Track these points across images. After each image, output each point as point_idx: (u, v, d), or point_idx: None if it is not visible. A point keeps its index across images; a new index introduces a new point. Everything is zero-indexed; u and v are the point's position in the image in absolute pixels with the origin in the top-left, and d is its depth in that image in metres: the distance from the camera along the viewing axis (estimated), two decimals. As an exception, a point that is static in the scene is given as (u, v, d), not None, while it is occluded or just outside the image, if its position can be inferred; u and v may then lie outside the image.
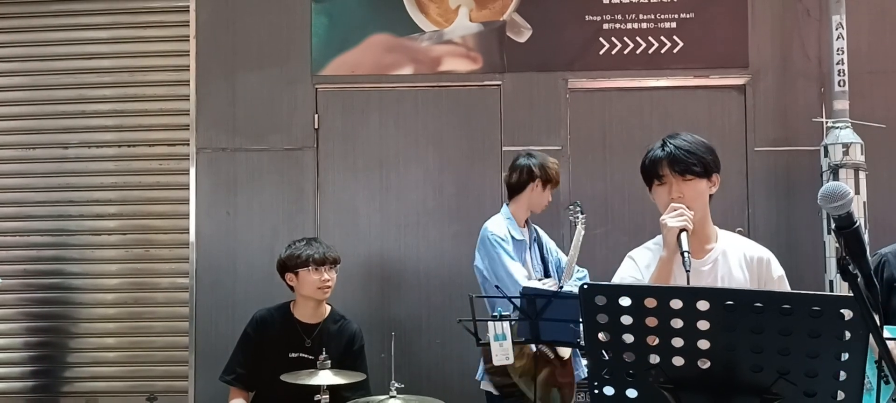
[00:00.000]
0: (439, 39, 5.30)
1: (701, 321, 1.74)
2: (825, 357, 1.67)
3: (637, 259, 2.62)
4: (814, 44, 5.04)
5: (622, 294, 1.83)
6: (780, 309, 1.68)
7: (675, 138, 2.57)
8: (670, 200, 2.50)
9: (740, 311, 1.70)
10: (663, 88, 5.18)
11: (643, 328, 1.80)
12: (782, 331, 1.67)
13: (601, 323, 1.84)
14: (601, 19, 5.20)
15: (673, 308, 1.77)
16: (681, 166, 2.50)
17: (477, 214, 5.20)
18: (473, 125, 5.27)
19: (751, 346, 1.71)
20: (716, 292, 1.88)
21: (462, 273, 5.10)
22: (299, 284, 3.94)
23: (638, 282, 2.51)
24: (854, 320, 1.63)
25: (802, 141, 5.02)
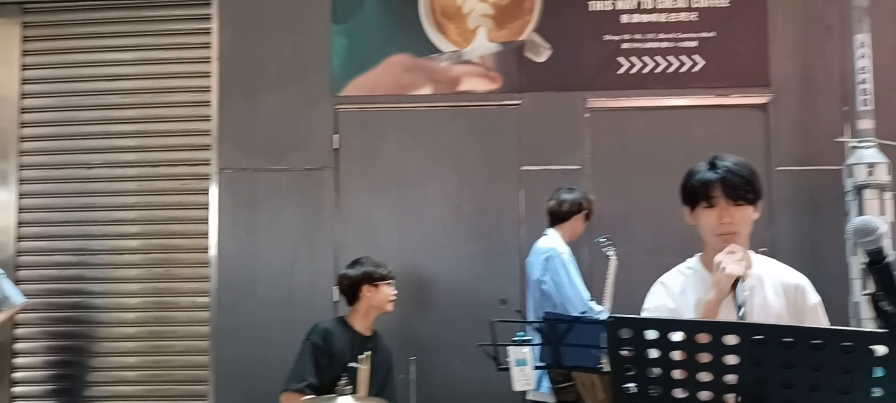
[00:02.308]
0: (458, 59, 4.88)
1: (729, 355, 1.60)
2: (857, 394, 1.54)
3: (669, 285, 2.25)
4: (836, 61, 4.57)
5: (648, 327, 1.69)
6: (811, 344, 1.55)
7: (725, 160, 2.18)
8: (719, 225, 2.13)
9: (770, 346, 1.58)
10: (684, 107, 4.71)
11: (669, 361, 1.66)
12: (814, 367, 1.55)
13: (627, 356, 1.69)
14: (620, 39, 4.77)
15: (700, 342, 1.63)
16: (734, 191, 2.13)
17: (495, 233, 4.79)
18: (492, 144, 4.83)
19: (781, 381, 1.59)
20: (745, 326, 1.72)
21: (481, 292, 4.69)
22: (375, 296, 3.85)
23: (672, 312, 2.16)
24: (887, 356, 1.51)
25: (825, 160, 4.55)
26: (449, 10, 4.87)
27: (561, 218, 4.25)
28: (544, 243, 4.20)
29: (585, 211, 4.28)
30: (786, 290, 2.19)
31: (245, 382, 4.70)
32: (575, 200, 4.26)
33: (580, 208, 4.26)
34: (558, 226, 4.25)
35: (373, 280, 3.83)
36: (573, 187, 4.36)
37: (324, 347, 3.67)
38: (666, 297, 2.22)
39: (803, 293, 2.19)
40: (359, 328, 3.82)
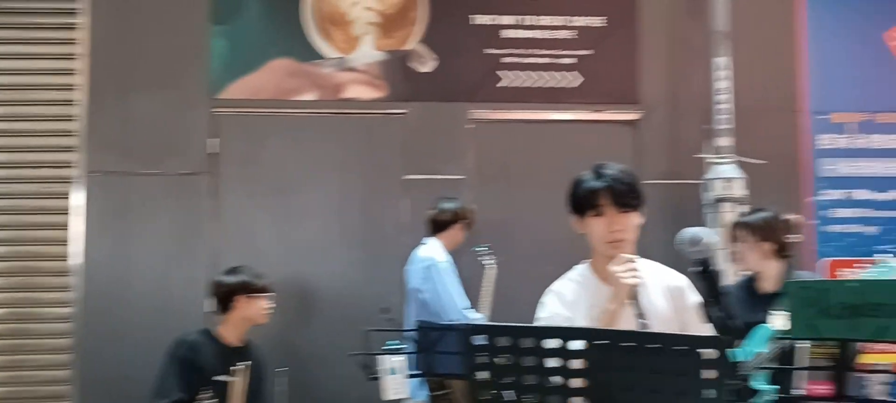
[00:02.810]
0: (343, 66, 4.76)
1: (577, 360, 1.64)
2: (692, 395, 1.58)
3: (562, 293, 2.24)
4: (700, 82, 4.79)
5: (500, 333, 1.72)
6: (650, 348, 1.61)
7: (610, 168, 2.20)
8: (608, 233, 2.14)
9: (613, 351, 1.63)
10: (561, 121, 4.81)
11: (521, 368, 1.69)
12: (653, 370, 1.60)
13: (480, 363, 1.71)
14: (502, 53, 4.81)
15: (549, 347, 1.66)
16: (621, 198, 2.15)
17: (378, 242, 4.71)
18: (376, 153, 4.74)
19: (624, 385, 1.63)
20: (590, 332, 1.78)
21: (363, 300, 4.58)
22: (250, 308, 3.61)
23: (567, 320, 2.14)
24: (717, 359, 1.56)
25: (689, 175, 4.74)
26: (334, 17, 4.75)
27: (441, 227, 4.21)
28: (424, 252, 4.16)
29: (465, 220, 4.25)
30: (670, 292, 2.24)
31: (114, 393, 4.38)
32: (455, 209, 4.23)
33: (460, 217, 4.23)
34: (438, 235, 4.21)
35: (249, 290, 3.62)
36: (453, 197, 4.32)
37: (190, 360, 3.44)
38: (559, 305, 2.20)
39: (684, 293, 2.24)
40: (229, 339, 3.60)
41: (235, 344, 3.60)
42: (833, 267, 4.73)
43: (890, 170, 4.81)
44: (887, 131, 4.84)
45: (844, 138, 4.85)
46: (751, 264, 3.58)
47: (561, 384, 1.65)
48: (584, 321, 2.13)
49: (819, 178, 4.81)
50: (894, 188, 4.81)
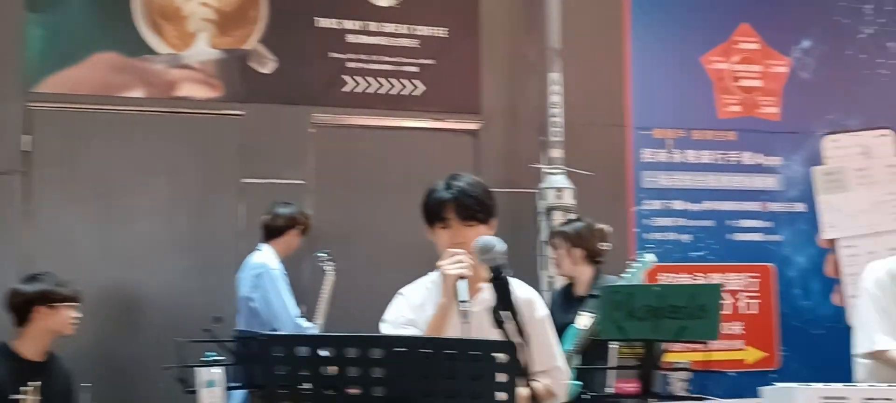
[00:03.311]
0: (176, 63, 4.43)
1: (376, 369, 1.61)
2: (486, 398, 1.62)
3: (409, 296, 2.26)
4: (537, 95, 4.90)
5: (300, 343, 1.67)
6: (446, 354, 1.63)
7: (460, 180, 2.23)
8: (451, 244, 2.13)
9: (411, 357, 1.62)
10: (404, 129, 4.74)
11: (321, 378, 1.62)
12: (448, 375, 1.61)
13: (280, 375, 1.63)
14: (346, 57, 4.68)
15: (349, 356, 1.62)
16: (466, 212, 2.17)
17: (212, 248, 4.42)
18: (211, 155, 4.45)
19: (422, 392, 1.62)
20: (389, 339, 1.82)
21: (195, 309, 4.26)
22: (51, 319, 3.28)
23: (409, 321, 2.18)
24: (508, 363, 1.61)
25: (525, 184, 4.82)
26: (166, 11, 4.42)
27: (275, 233, 4.06)
28: (256, 259, 3.98)
29: (301, 226, 4.11)
30: (518, 304, 2.14)
31: None
32: (290, 215, 4.08)
33: (295, 223, 4.09)
34: (272, 242, 4.06)
35: (50, 300, 3.27)
36: (289, 202, 4.17)
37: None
38: (405, 308, 2.21)
39: (532, 306, 2.27)
40: (27, 353, 3.24)
41: (35, 359, 3.24)
42: (652, 272, 4.98)
43: (702, 182, 5.14)
44: (701, 147, 5.17)
45: (664, 152, 5.13)
46: (565, 269, 3.79)
47: (361, 393, 1.62)
48: (425, 326, 2.13)
49: (641, 189, 5.06)
50: (706, 199, 5.15)
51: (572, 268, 3.79)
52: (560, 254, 3.78)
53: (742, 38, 5.27)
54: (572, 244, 3.80)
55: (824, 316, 5.06)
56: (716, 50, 5.23)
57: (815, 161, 5.24)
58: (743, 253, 5.10)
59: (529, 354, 2.03)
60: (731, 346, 5.08)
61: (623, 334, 2.69)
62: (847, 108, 5.30)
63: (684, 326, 2.66)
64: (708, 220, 5.13)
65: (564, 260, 3.80)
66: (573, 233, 3.81)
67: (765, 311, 5.12)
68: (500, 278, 1.84)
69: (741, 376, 4.92)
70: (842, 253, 5.18)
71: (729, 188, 5.18)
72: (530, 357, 2.02)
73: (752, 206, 5.18)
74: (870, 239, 5.11)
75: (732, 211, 5.16)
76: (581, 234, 3.79)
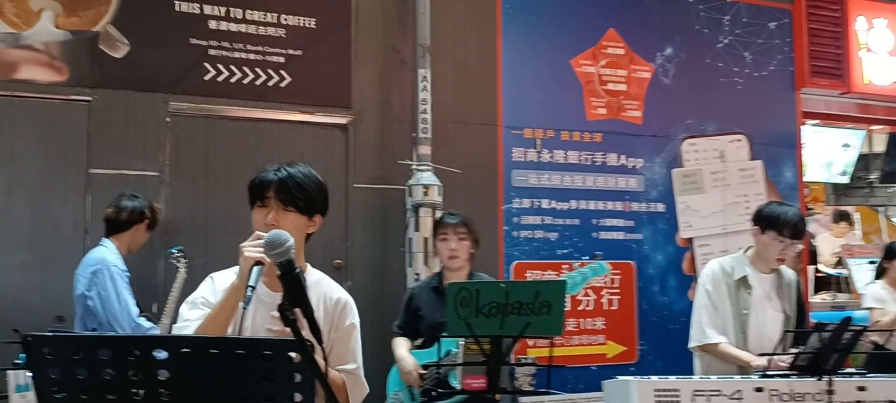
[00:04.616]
0: (15, 43, 3.93)
1: (161, 370, 1.48)
2: (280, 398, 1.50)
3: (217, 280, 2.15)
4: (408, 92, 4.68)
5: (75, 345, 1.50)
6: (236, 354, 1.49)
7: (293, 166, 2.12)
8: (264, 224, 2.02)
9: (198, 358, 1.49)
10: (270, 120, 4.39)
11: (100, 383, 1.47)
12: (239, 376, 1.49)
13: (54, 379, 1.47)
14: (208, 44, 4.30)
15: (131, 358, 1.48)
16: (285, 196, 2.06)
17: (54, 242, 3.96)
18: (54, 143, 3.98)
19: (212, 394, 1.50)
20: (173, 339, 1.69)
21: (34, 308, 3.84)
22: None
23: (208, 305, 2.05)
24: (303, 362, 1.51)
25: (396, 180, 4.59)
26: (5, -15, 3.93)
27: (119, 228, 3.71)
28: (95, 254, 3.61)
29: (148, 220, 3.77)
30: (327, 304, 2.14)
31: None
32: (136, 208, 3.74)
33: (142, 217, 3.75)
34: (115, 236, 3.71)
35: None
36: (136, 194, 3.81)
37: None
38: (208, 290, 2.11)
39: (343, 309, 2.16)
40: None
41: None
42: (520, 269, 4.88)
43: (569, 182, 5.08)
44: (568, 147, 5.10)
45: (534, 152, 5.03)
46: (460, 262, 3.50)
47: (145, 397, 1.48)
48: None
49: (511, 188, 4.94)
50: (573, 198, 5.09)
51: (464, 262, 3.53)
52: (462, 246, 3.51)
53: (610, 42, 5.23)
54: (471, 235, 3.55)
55: (680, 311, 5.09)
56: (585, 53, 5.18)
57: (674, 163, 5.29)
58: (606, 250, 5.04)
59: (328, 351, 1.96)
60: (593, 341, 5.06)
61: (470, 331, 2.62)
62: (705, 114, 5.37)
63: (529, 322, 2.62)
64: (574, 219, 5.07)
65: (464, 252, 3.52)
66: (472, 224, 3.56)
67: (625, 307, 5.12)
68: (291, 274, 1.70)
69: (602, 369, 4.90)
70: (697, 252, 5.25)
71: (595, 188, 5.14)
72: (329, 354, 1.95)
73: (615, 206, 5.17)
74: (722, 238, 5.20)
75: (597, 211, 5.13)
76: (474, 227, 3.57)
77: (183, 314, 2.06)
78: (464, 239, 3.53)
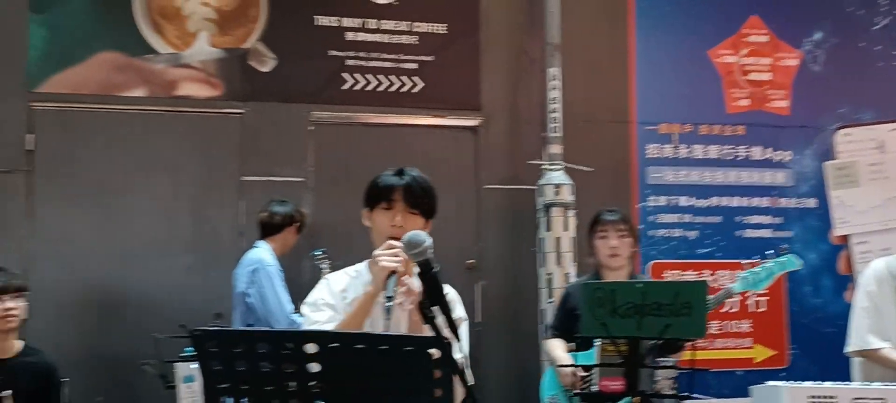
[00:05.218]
0: (176, 62, 4.28)
1: (312, 363, 1.52)
2: (421, 394, 1.53)
3: (333, 282, 2.17)
4: (538, 92, 4.63)
5: (235, 339, 1.58)
6: (379, 349, 1.53)
7: (412, 171, 2.16)
8: (390, 226, 2.06)
9: (345, 353, 1.52)
10: (403, 126, 4.52)
11: (259, 374, 1.53)
12: (383, 371, 1.53)
13: (217, 371, 1.53)
14: (345, 55, 4.48)
15: (285, 352, 1.53)
16: (413, 198, 2.10)
17: (213, 245, 4.26)
18: (211, 153, 4.29)
19: (358, 387, 1.54)
20: (322, 334, 1.71)
21: (196, 306, 4.13)
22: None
23: (331, 307, 2.10)
24: (441, 359, 1.51)
25: (527, 180, 4.55)
26: (167, 10, 4.26)
27: (272, 231, 3.91)
28: (252, 255, 3.83)
29: (297, 223, 3.97)
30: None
31: None
32: (287, 213, 3.94)
33: (292, 220, 3.95)
34: (269, 239, 3.91)
35: None
36: (285, 199, 4.01)
37: None
38: (326, 291, 2.13)
39: (453, 305, 2.09)
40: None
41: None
42: (658, 269, 4.70)
43: (708, 178, 4.84)
44: (708, 142, 4.87)
45: (670, 148, 4.84)
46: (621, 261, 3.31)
47: (298, 389, 1.53)
48: (344, 312, 2.07)
49: (646, 186, 4.77)
50: (714, 195, 4.85)
51: (625, 261, 3.31)
52: (623, 243, 3.29)
53: (751, 30, 4.94)
54: (632, 233, 3.33)
55: (835, 314, 4.70)
56: (724, 43, 4.91)
57: (826, 155, 4.90)
58: (752, 249, 4.75)
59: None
60: (739, 344, 4.78)
61: (606, 331, 2.53)
62: (860, 101, 4.94)
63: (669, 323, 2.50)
64: (715, 216, 4.82)
65: (625, 250, 3.29)
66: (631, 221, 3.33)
67: (774, 309, 4.80)
68: (430, 273, 1.74)
69: (749, 375, 4.62)
70: (854, 250, 4.83)
71: (737, 184, 4.87)
72: None
73: (761, 202, 4.86)
74: (882, 235, 4.75)
75: (741, 208, 4.85)
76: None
77: (308, 316, 2.12)
78: (624, 236, 3.29)
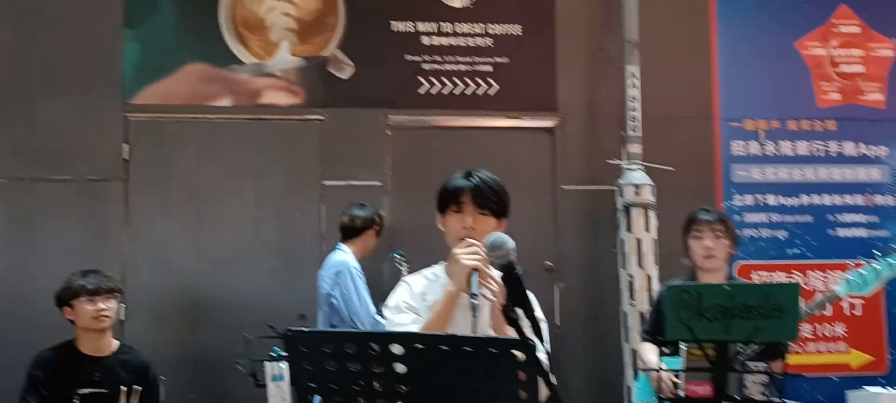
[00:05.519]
0: (259, 72, 4.42)
1: (398, 364, 1.53)
2: (506, 396, 1.52)
3: (412, 285, 2.18)
4: (615, 90, 4.54)
5: (325, 340, 1.60)
6: (463, 351, 1.52)
7: (480, 172, 2.14)
8: (462, 228, 2.06)
9: (430, 354, 1.53)
10: (479, 128, 4.51)
11: (347, 374, 1.55)
12: (467, 373, 1.53)
13: (308, 370, 1.57)
14: (421, 59, 4.51)
15: (371, 353, 1.54)
16: (481, 199, 2.09)
17: (296, 249, 4.36)
18: (293, 159, 4.40)
19: (443, 388, 1.54)
20: (407, 336, 1.71)
21: (280, 308, 4.23)
22: (76, 316, 3.13)
23: (412, 309, 2.11)
24: (526, 361, 1.50)
25: (605, 180, 4.47)
26: (250, 22, 4.40)
27: (353, 234, 3.97)
28: (336, 257, 3.89)
29: (377, 227, 4.02)
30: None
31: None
32: (367, 216, 4.00)
33: (372, 224, 4.01)
34: (350, 242, 3.97)
35: (63, 301, 3.09)
36: (365, 203, 4.06)
37: (42, 377, 3.06)
38: (407, 294, 2.14)
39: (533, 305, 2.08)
40: (86, 349, 3.12)
41: (95, 355, 3.12)
42: (745, 270, 4.52)
43: (797, 175, 4.63)
44: (796, 137, 4.66)
45: (756, 144, 4.65)
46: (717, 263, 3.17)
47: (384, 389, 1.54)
48: (426, 314, 2.06)
49: (731, 184, 4.61)
50: (803, 193, 4.63)
51: (722, 263, 3.12)
52: (720, 244, 3.10)
53: (841, 20, 4.70)
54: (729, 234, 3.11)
55: (941, 318, 4.44)
56: (812, 34, 4.70)
57: (926, 150, 4.62)
58: (845, 249, 4.54)
59: None
60: (833, 349, 4.56)
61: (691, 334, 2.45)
62: (964, 92, 4.63)
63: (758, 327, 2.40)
64: (805, 216, 4.61)
65: (722, 251, 3.10)
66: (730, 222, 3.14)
67: (871, 312, 4.54)
68: (513, 274, 1.72)
69: (845, 380, 4.41)
70: (960, 250, 4.51)
71: (829, 181, 4.64)
72: None
73: (854, 200, 4.62)
74: None
75: (833, 206, 4.62)
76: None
77: (391, 319, 2.12)
78: (721, 236, 3.10)
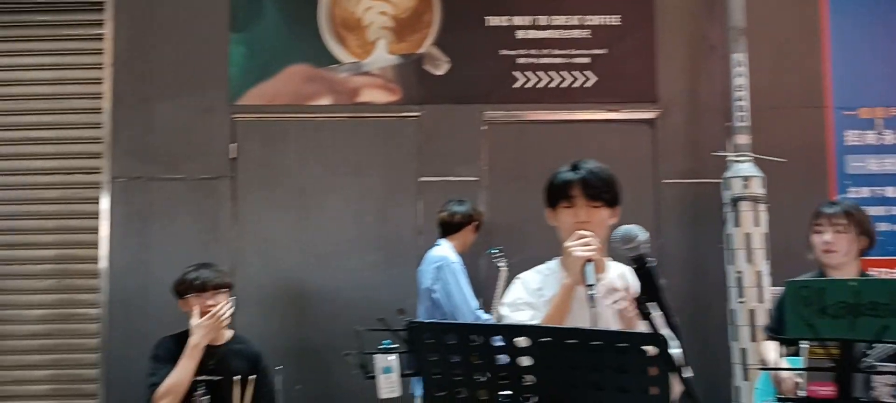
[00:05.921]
0: (358, 70, 4.49)
1: (523, 357, 1.53)
2: (635, 391, 1.48)
3: (527, 281, 2.17)
4: (719, 79, 4.36)
5: (449, 331, 1.59)
6: (591, 345, 1.51)
7: (587, 163, 2.11)
8: (575, 224, 2.03)
9: (557, 347, 1.51)
10: (576, 121, 4.43)
11: (471, 365, 1.57)
12: (595, 367, 1.50)
13: (433, 361, 1.58)
14: (516, 54, 4.47)
15: (496, 345, 1.55)
16: (592, 191, 2.05)
17: (395, 244, 4.42)
18: (391, 156, 4.46)
19: (569, 381, 1.53)
20: (533, 329, 1.66)
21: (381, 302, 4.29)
22: (189, 309, 3.19)
23: (530, 306, 2.08)
24: (658, 356, 1.45)
25: (709, 173, 4.33)
26: (349, 22, 4.48)
27: (452, 229, 3.97)
28: (436, 252, 3.91)
29: (476, 222, 4.02)
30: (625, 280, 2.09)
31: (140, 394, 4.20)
32: (466, 212, 4.00)
33: (470, 219, 4.00)
34: (449, 237, 3.98)
35: (178, 295, 3.15)
36: (463, 199, 4.06)
37: (163, 359, 3.13)
38: (523, 291, 2.12)
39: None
40: None
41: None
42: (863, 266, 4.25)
43: (920, 166, 4.33)
44: (918, 126, 4.36)
45: (872, 134, 4.38)
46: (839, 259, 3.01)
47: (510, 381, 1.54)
48: (544, 309, 2.04)
49: (846, 176, 4.35)
50: (926, 185, 4.33)
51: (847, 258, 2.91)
52: (841, 239, 2.91)
53: (969, -2, 4.35)
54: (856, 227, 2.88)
55: None
56: (935, 15, 4.37)
57: None
58: (974, 245, 4.23)
59: None
60: (960, 350, 4.23)
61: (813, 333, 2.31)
62: None
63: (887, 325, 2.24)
64: (928, 208, 4.31)
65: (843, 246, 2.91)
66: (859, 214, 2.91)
67: None
68: (646, 267, 1.69)
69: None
70: None
71: (953, 171, 4.31)
72: None
73: None
74: None
75: (959, 197, 4.29)
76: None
77: (508, 316, 2.10)
78: (842, 231, 2.90)
